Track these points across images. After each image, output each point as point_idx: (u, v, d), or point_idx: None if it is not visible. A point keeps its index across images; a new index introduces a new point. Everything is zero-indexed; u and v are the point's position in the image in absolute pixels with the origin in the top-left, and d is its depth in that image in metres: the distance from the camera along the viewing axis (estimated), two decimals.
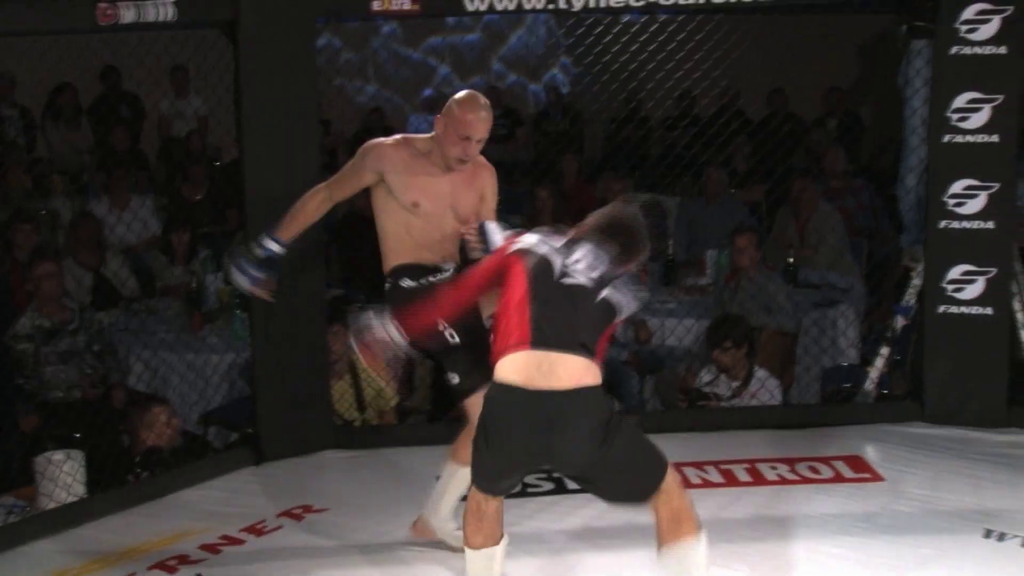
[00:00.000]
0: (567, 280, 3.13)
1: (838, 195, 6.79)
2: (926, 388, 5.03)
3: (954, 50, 4.89)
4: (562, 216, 6.29)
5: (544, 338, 3.02)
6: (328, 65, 7.60)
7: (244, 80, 4.38)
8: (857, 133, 7.40)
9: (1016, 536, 3.94)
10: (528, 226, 3.66)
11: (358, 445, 4.78)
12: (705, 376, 5.13)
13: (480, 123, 3.56)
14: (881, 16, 5.79)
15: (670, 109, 8.05)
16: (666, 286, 6.19)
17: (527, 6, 4.82)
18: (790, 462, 4.60)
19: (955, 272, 5.02)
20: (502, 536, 3.33)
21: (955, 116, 4.94)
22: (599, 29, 5.50)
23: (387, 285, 3.67)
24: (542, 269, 3.16)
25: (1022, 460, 4.70)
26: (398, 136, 3.75)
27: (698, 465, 4.55)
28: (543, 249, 3.24)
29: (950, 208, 4.97)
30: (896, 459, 4.66)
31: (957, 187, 4.96)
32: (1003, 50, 4.81)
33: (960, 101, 4.92)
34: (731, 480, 4.45)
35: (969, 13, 4.82)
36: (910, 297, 5.16)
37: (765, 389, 5.05)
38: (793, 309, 5.69)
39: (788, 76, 8.21)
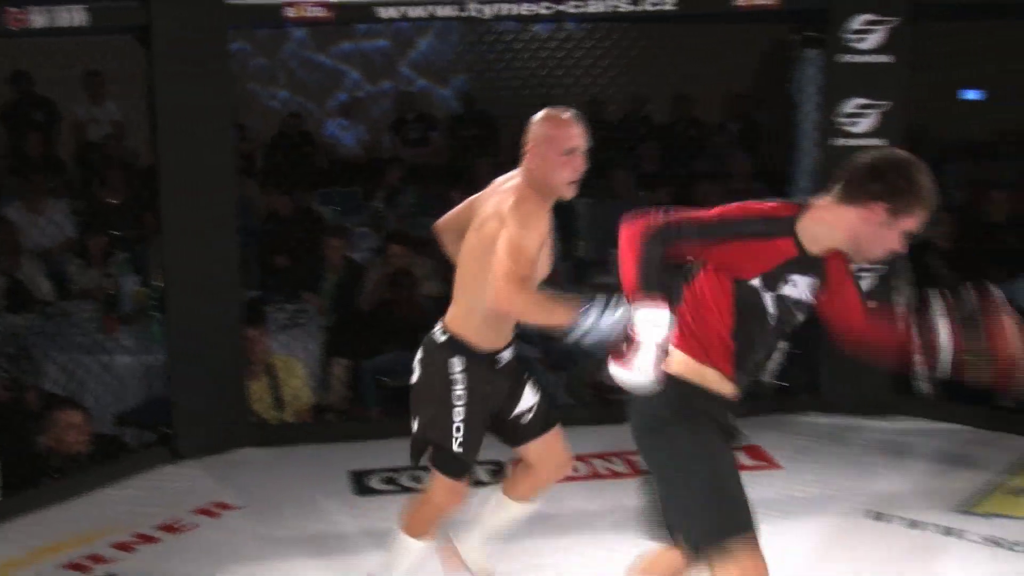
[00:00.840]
0: None
1: (740, 197, 6.93)
2: (821, 380, 5.23)
3: (843, 58, 5.08)
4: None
5: None
6: (240, 70, 7.58)
7: (158, 85, 4.38)
8: (756, 137, 7.63)
9: (900, 518, 4.13)
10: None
11: (275, 443, 4.79)
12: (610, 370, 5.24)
13: (580, 130, 3.12)
14: (778, 26, 5.99)
15: (581, 114, 8.18)
16: (576, 285, 6.31)
17: (439, 14, 4.88)
18: None
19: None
20: None
21: (844, 121, 5.12)
22: (511, 38, 5.61)
23: (442, 338, 3.20)
24: None
25: (907, 446, 4.93)
26: (519, 186, 3.15)
27: (605, 456, 4.69)
28: None
29: None
30: (792, 447, 4.84)
31: None
32: (889, 59, 5.03)
33: (849, 106, 5.12)
34: (637, 470, 4.60)
35: (857, 23, 5.01)
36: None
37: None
38: None
39: (692, 83, 8.40)
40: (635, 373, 2.52)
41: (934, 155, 6.18)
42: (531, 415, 3.37)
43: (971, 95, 8.31)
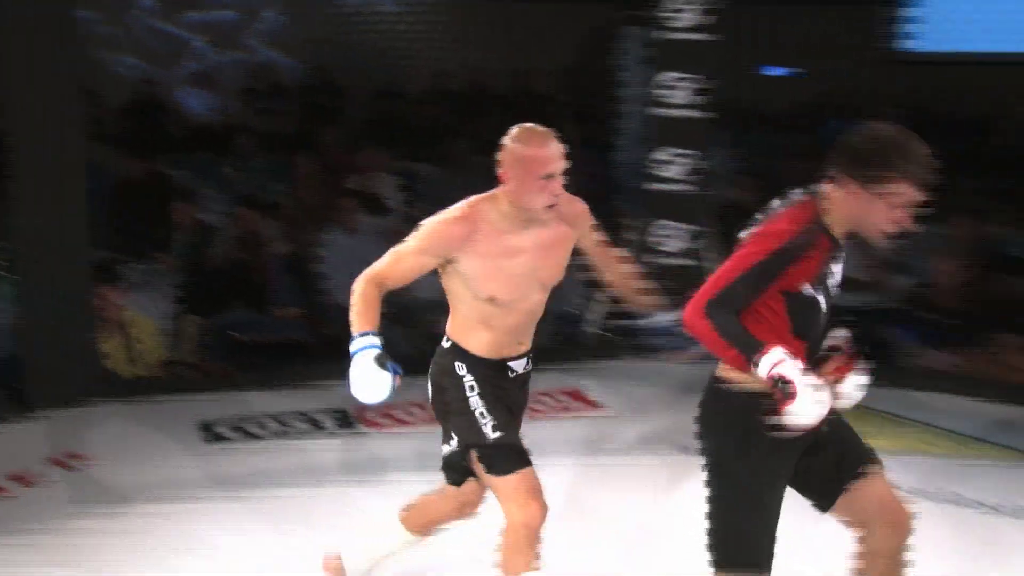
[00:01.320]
0: None
1: (572, 162, 7.37)
2: (638, 328, 5.66)
3: (661, 35, 5.53)
4: (324, 183, 6.76)
5: None
6: (88, 37, 7.58)
7: (4, 51, 4.46)
8: (585, 108, 8.08)
9: None
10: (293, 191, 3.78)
11: (127, 396, 4.94)
12: None
13: (557, 152, 2.97)
14: (605, 5, 6.41)
15: (426, 85, 8.58)
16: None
17: None
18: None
19: (662, 227, 5.73)
20: None
21: (661, 92, 5.58)
22: (353, 11, 5.82)
23: (446, 344, 3.19)
24: None
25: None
26: (463, 207, 3.08)
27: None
28: None
29: (656, 172, 5.67)
30: (611, 391, 5.29)
31: (663, 154, 5.67)
32: (703, 36, 5.50)
33: (666, 80, 5.58)
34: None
35: (674, 3, 5.46)
36: (628, 245, 5.72)
37: None
38: None
39: (527, 57, 8.87)
40: (808, 410, 2.50)
41: (739, 126, 6.84)
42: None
43: (778, 71, 8.99)
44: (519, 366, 3.17)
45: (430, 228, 2.96)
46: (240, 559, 3.74)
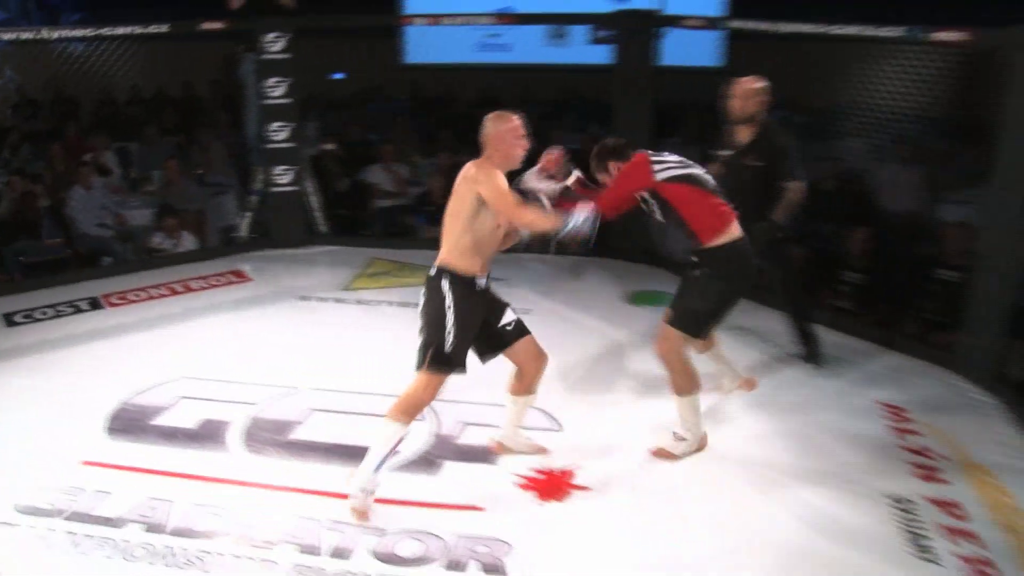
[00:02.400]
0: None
1: (228, 135, 9.35)
2: (273, 229, 7.86)
3: (264, 56, 7.50)
4: (69, 158, 8.38)
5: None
6: None
7: None
8: (228, 103, 9.91)
9: (312, 297, 6.62)
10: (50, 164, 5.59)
11: None
12: (157, 239, 7.74)
13: (522, 122, 3.93)
14: (233, 39, 8.09)
15: (129, 95, 10.90)
16: (132, 191, 8.74)
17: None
18: (206, 278, 7.08)
19: (278, 170, 7.76)
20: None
21: (268, 90, 7.57)
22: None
23: (434, 271, 3.93)
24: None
25: (316, 258, 7.68)
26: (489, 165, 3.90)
27: (166, 285, 6.92)
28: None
29: (271, 138, 7.68)
30: (259, 269, 7.27)
31: (273, 127, 7.68)
32: (288, 55, 7.50)
33: (270, 82, 7.53)
34: (174, 292, 6.82)
35: (269, 36, 7.45)
36: (259, 184, 7.90)
37: (186, 243, 7.77)
38: (202, 196, 8.44)
39: (192, 74, 11.32)
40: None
41: (312, 111, 8.82)
42: (511, 326, 4.11)
43: (338, 76, 11.88)
44: (482, 282, 3.96)
45: (500, 177, 3.81)
46: (29, 391, 5.12)
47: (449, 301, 3.82)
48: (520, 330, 4.10)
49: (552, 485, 4.36)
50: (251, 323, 6.19)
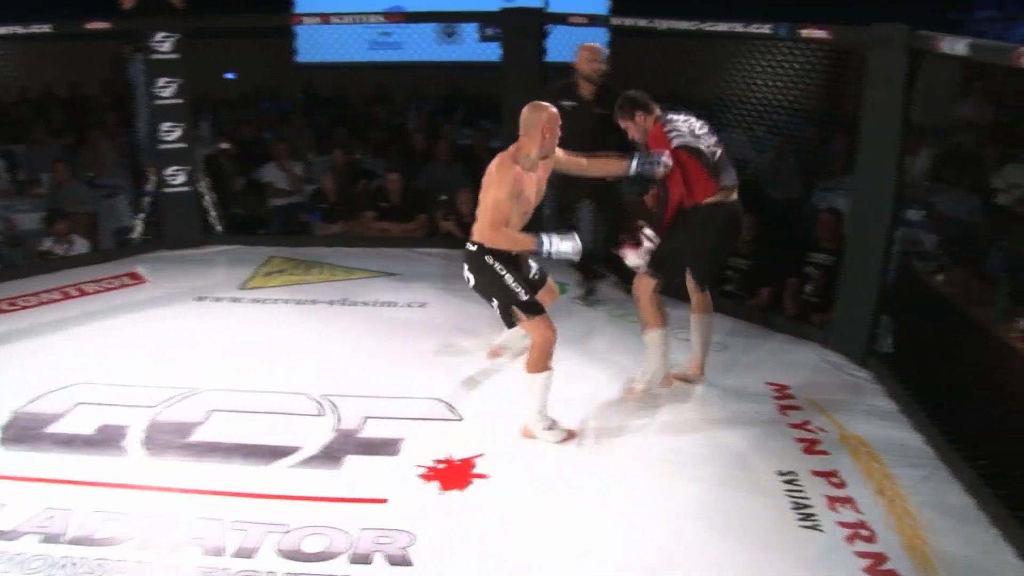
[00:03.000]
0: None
1: (119, 136, 9.18)
2: (167, 230, 7.73)
3: (153, 56, 7.40)
4: None
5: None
6: None
7: None
8: (118, 102, 9.73)
9: (216, 297, 6.51)
10: None
11: None
12: (47, 243, 7.54)
13: (556, 112, 4.33)
14: (123, 39, 7.94)
15: (16, 96, 10.59)
16: (20, 194, 8.48)
17: None
18: (100, 281, 6.92)
19: (170, 170, 7.65)
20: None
21: (158, 90, 7.47)
22: None
23: (474, 248, 4.47)
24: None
25: (230, 255, 7.57)
26: (508, 161, 4.32)
27: (59, 290, 6.72)
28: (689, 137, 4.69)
29: (163, 138, 7.59)
30: (154, 271, 7.14)
31: (165, 127, 7.58)
32: (178, 55, 7.41)
33: (160, 82, 7.45)
34: (68, 296, 6.63)
35: (158, 36, 7.34)
36: (151, 185, 7.76)
37: (78, 246, 7.56)
38: (93, 198, 8.32)
39: (84, 73, 11.04)
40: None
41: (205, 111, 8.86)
42: (538, 275, 4.79)
43: (230, 75, 11.83)
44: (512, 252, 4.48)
45: (510, 177, 4.21)
46: None
47: (498, 268, 4.37)
48: (543, 276, 4.79)
49: (453, 474, 4.38)
50: (148, 325, 6.10)
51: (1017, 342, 5.34)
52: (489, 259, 4.37)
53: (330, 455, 4.56)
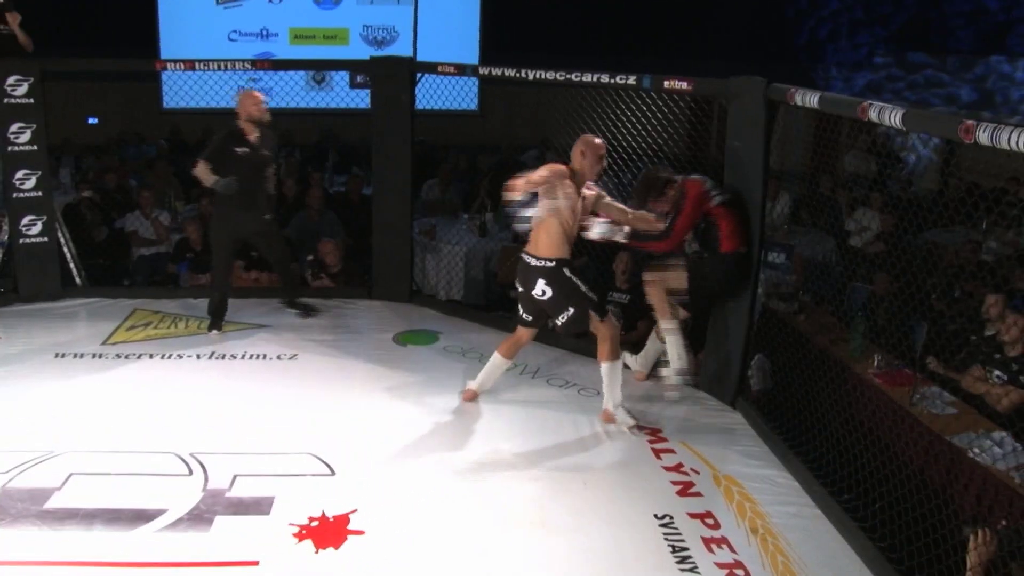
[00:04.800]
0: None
1: None
2: (23, 283, 7.30)
3: (7, 101, 7.03)
4: None
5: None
6: None
7: None
8: None
9: (78, 354, 6.22)
10: None
11: None
12: None
13: (603, 144, 4.99)
14: None
15: None
16: None
17: None
18: None
19: (26, 220, 7.25)
20: None
21: (12, 136, 7.11)
22: None
23: (551, 264, 4.98)
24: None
25: (91, 308, 7.22)
26: (564, 168, 4.91)
27: None
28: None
29: (17, 186, 7.23)
30: (9, 326, 6.68)
31: (20, 174, 7.23)
32: (32, 100, 7.10)
33: (13, 128, 7.11)
34: None
35: (11, 80, 7.03)
36: (4, 236, 7.39)
37: None
38: None
39: None
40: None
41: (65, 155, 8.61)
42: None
43: (92, 120, 11.52)
44: (575, 262, 5.14)
45: (547, 171, 4.84)
46: None
47: (575, 280, 4.97)
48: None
49: (328, 532, 4.23)
50: (1, 385, 5.74)
51: (873, 378, 5.51)
52: (567, 271, 4.94)
53: (198, 517, 4.35)
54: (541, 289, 4.92)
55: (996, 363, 5.44)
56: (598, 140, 4.98)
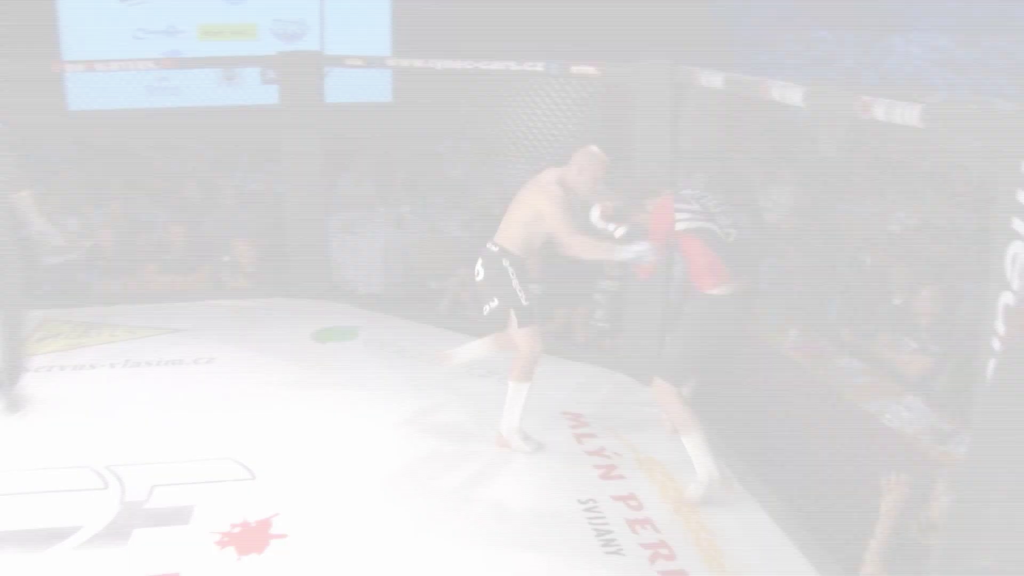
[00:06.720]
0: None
1: None
2: None
3: None
4: None
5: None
6: None
7: None
8: None
9: None
10: None
11: None
12: None
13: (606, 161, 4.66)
14: None
15: None
16: None
17: None
18: None
19: None
20: None
21: None
22: None
23: (495, 249, 4.71)
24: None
25: None
26: (555, 183, 4.61)
27: None
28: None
29: None
30: None
31: None
32: None
33: None
34: None
35: None
36: None
37: None
38: None
39: None
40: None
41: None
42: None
43: None
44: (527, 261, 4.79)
45: (559, 198, 4.57)
46: None
47: (510, 275, 4.66)
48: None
49: (250, 538, 4.17)
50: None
51: (789, 352, 5.60)
52: (506, 263, 4.69)
53: (116, 531, 4.25)
54: (477, 269, 4.80)
55: (906, 331, 5.56)
56: (603, 156, 4.62)
